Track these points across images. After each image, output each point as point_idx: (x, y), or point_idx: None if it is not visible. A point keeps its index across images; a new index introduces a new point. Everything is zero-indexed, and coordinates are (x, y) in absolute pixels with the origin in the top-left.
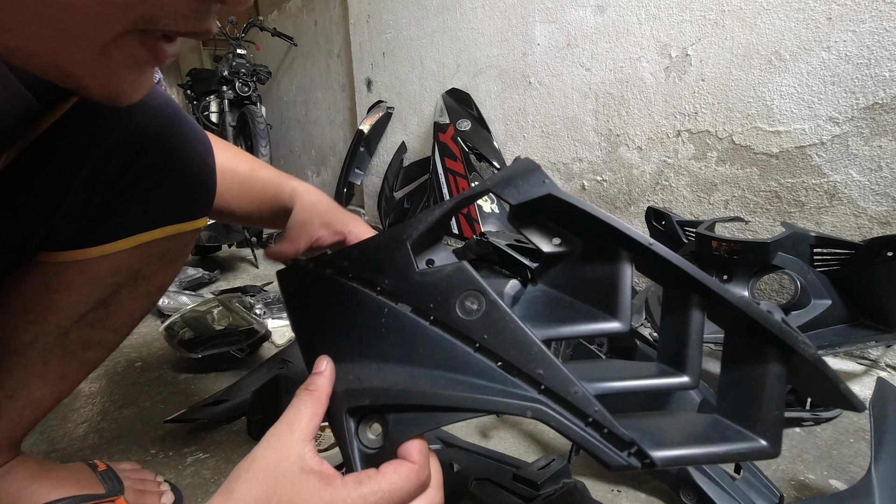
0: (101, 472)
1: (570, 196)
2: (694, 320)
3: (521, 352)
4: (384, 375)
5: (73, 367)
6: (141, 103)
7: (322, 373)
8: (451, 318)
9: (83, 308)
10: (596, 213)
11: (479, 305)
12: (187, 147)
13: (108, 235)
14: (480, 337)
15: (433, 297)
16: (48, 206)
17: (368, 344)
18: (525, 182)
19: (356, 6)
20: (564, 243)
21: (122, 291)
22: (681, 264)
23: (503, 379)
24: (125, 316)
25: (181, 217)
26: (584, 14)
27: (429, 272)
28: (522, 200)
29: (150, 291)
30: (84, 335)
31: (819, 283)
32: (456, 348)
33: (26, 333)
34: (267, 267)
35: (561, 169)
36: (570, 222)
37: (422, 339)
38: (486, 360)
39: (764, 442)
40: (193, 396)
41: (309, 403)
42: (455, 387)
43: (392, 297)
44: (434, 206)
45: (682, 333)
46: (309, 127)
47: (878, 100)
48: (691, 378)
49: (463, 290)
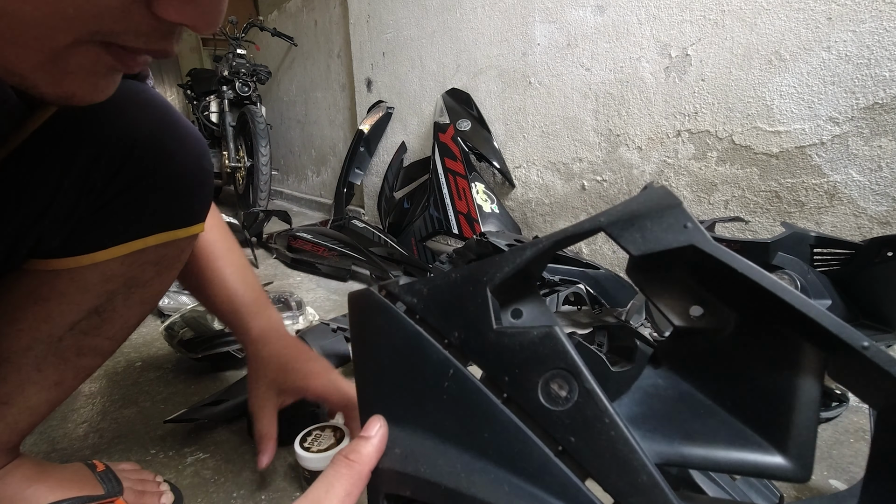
0: (99, 472)
1: (727, 252)
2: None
3: (621, 475)
4: (436, 461)
5: (69, 373)
6: (132, 103)
7: (370, 440)
8: (531, 401)
9: (76, 316)
10: (768, 285)
11: (570, 393)
12: (182, 149)
13: (99, 243)
14: (566, 438)
15: (510, 369)
16: (35, 213)
17: (425, 409)
18: (657, 224)
19: (356, 6)
20: (709, 315)
21: (115, 299)
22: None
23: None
24: (120, 323)
25: (176, 223)
26: (584, 14)
27: (508, 332)
28: (650, 251)
29: (146, 299)
30: (78, 342)
31: (819, 283)
32: (531, 445)
33: (18, 342)
34: (267, 267)
35: (561, 169)
36: (725, 286)
37: (490, 421)
38: (570, 472)
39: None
40: (193, 396)
41: (346, 479)
42: (522, 502)
43: (461, 356)
44: (526, 245)
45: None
46: (309, 127)
47: (878, 100)
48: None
49: (550, 366)
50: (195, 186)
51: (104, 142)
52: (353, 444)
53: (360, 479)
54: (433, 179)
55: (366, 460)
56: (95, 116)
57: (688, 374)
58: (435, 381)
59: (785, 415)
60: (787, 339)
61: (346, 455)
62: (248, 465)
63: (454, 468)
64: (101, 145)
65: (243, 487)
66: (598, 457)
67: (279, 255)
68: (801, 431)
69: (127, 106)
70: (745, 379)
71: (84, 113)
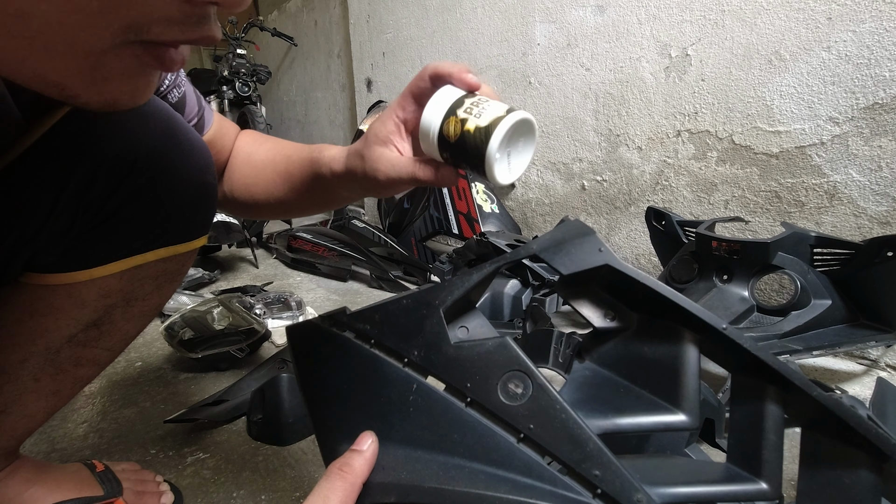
0: (99, 472)
1: (630, 268)
2: (770, 417)
3: (574, 447)
4: (413, 466)
5: (67, 383)
6: (135, 115)
7: (362, 453)
8: (492, 401)
9: (73, 330)
10: (658, 288)
11: (525, 389)
12: (185, 163)
13: (97, 259)
14: (526, 426)
15: (471, 376)
16: (31, 228)
17: (392, 424)
18: (578, 249)
19: (356, 6)
20: (618, 318)
21: (114, 313)
22: (760, 354)
23: (552, 478)
24: (119, 335)
25: (177, 238)
26: (584, 14)
27: (465, 346)
28: (575, 270)
29: (145, 312)
30: (76, 354)
31: (819, 283)
32: (497, 438)
33: (15, 354)
34: (267, 267)
35: (561, 169)
36: (627, 293)
37: (457, 423)
38: (533, 453)
39: None
40: (193, 396)
41: (340, 491)
42: (498, 487)
43: (422, 372)
44: (472, 270)
45: (757, 432)
46: (309, 127)
47: (878, 100)
48: (770, 487)
49: (506, 369)
50: (198, 201)
51: (104, 157)
52: (346, 457)
53: (354, 490)
54: None
55: (358, 472)
56: (95, 130)
57: (607, 363)
58: (400, 398)
59: (678, 383)
60: (673, 328)
61: (340, 468)
62: (248, 465)
63: (431, 469)
64: (100, 161)
65: (243, 487)
66: (554, 436)
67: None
68: (690, 393)
69: (129, 118)
70: (648, 361)
71: (84, 126)
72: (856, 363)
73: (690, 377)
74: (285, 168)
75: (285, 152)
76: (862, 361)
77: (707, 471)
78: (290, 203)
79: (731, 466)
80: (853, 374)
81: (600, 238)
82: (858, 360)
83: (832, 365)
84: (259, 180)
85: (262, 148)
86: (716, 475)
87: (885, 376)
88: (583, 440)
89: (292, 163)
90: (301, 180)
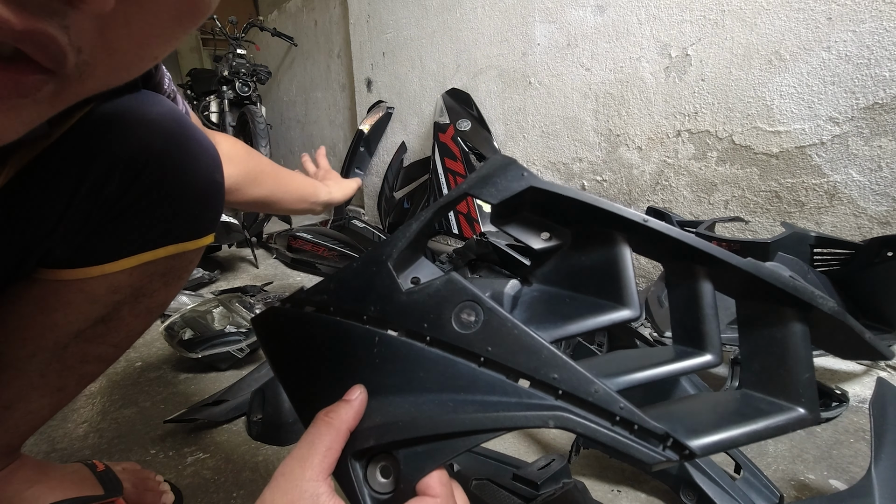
0: (99, 472)
1: (552, 184)
2: (704, 293)
3: (530, 358)
4: (386, 409)
5: (72, 379)
6: (147, 116)
7: (350, 402)
8: (449, 334)
9: (82, 325)
10: (582, 198)
11: (477, 316)
12: (194, 163)
13: (109, 254)
14: (484, 349)
15: (426, 316)
16: (48, 224)
17: (363, 379)
18: (503, 178)
19: (356, 6)
20: (554, 236)
21: (122, 309)
22: (679, 236)
23: (516, 391)
24: (125, 332)
25: (185, 236)
26: (584, 14)
27: (416, 290)
28: (503, 198)
29: (152, 308)
30: (83, 350)
31: (819, 283)
32: (459, 366)
33: (23, 350)
34: (267, 267)
35: (561, 169)
36: (557, 212)
37: (421, 362)
38: (495, 373)
39: (802, 409)
40: (193, 396)
41: (325, 436)
42: (466, 408)
43: (381, 324)
44: (410, 220)
45: (695, 309)
46: (309, 127)
47: (878, 100)
48: (714, 355)
49: (456, 302)
50: (207, 200)
51: (118, 156)
52: (333, 405)
53: (339, 434)
54: (433, 179)
55: (344, 418)
56: (110, 130)
57: (550, 280)
58: (365, 353)
59: (617, 282)
60: (603, 233)
61: (326, 414)
62: (248, 465)
63: (403, 407)
64: (114, 160)
65: (243, 487)
66: (511, 352)
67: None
68: (629, 288)
69: (142, 119)
70: (587, 269)
71: (99, 128)
72: (856, 363)
73: (627, 274)
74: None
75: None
76: (862, 361)
77: (656, 354)
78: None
79: (678, 346)
80: (853, 374)
81: (522, 164)
82: (858, 360)
83: (832, 365)
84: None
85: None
86: (664, 357)
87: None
88: (537, 349)
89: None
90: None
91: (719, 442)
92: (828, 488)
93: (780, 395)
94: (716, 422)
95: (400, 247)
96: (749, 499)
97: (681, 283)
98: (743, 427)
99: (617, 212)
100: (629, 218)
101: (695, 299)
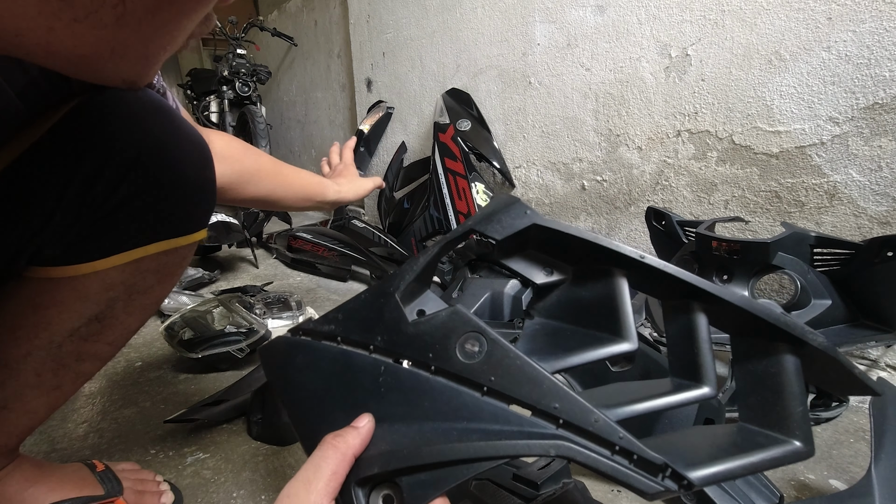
0: (99, 472)
1: (554, 221)
2: (699, 327)
3: (532, 388)
4: (390, 438)
5: (68, 378)
6: (138, 111)
7: (358, 429)
8: (454, 364)
9: (76, 323)
10: (581, 235)
11: (481, 347)
12: (185, 159)
13: (100, 251)
14: (487, 379)
15: (431, 347)
16: (37, 222)
17: (368, 407)
18: (507, 216)
19: (356, 6)
20: (556, 272)
21: (116, 305)
22: (676, 273)
23: (518, 420)
24: (120, 329)
25: (177, 231)
26: (584, 14)
27: (422, 321)
28: (507, 234)
29: (146, 305)
30: (78, 348)
31: (819, 283)
32: (463, 395)
33: (17, 349)
34: (267, 267)
35: (561, 169)
36: (558, 248)
37: (426, 392)
38: (497, 402)
39: (797, 443)
40: (193, 396)
41: (331, 460)
42: (469, 436)
43: (387, 354)
44: (418, 255)
45: (691, 343)
46: (309, 127)
47: (878, 100)
48: (710, 388)
49: (461, 333)
50: (198, 195)
51: (109, 151)
52: (342, 430)
53: (345, 459)
54: (433, 179)
55: (351, 444)
56: (101, 125)
57: (553, 315)
58: (371, 382)
59: (615, 316)
60: (603, 269)
61: (333, 439)
62: (248, 465)
63: (408, 435)
64: (105, 155)
65: (243, 487)
66: (514, 383)
67: (279, 255)
68: (627, 319)
69: (133, 114)
70: (588, 304)
71: (89, 123)
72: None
73: (624, 308)
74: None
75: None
76: (862, 361)
77: (655, 387)
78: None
79: (675, 378)
80: None
81: (525, 203)
82: (858, 360)
83: None
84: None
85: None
86: (663, 389)
87: (885, 376)
88: (539, 380)
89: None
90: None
91: (717, 473)
92: (828, 488)
93: (775, 429)
94: (714, 453)
95: (407, 280)
96: (749, 499)
97: (677, 318)
98: (740, 459)
99: (614, 248)
100: (626, 255)
101: (691, 333)
